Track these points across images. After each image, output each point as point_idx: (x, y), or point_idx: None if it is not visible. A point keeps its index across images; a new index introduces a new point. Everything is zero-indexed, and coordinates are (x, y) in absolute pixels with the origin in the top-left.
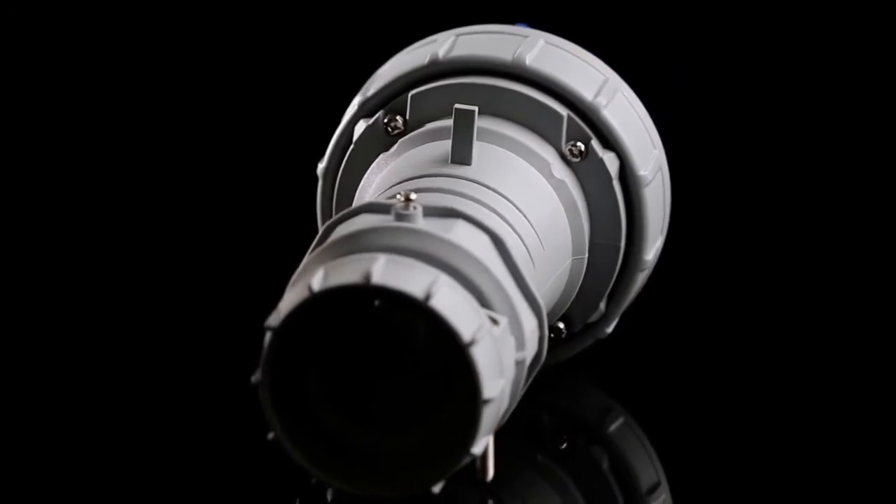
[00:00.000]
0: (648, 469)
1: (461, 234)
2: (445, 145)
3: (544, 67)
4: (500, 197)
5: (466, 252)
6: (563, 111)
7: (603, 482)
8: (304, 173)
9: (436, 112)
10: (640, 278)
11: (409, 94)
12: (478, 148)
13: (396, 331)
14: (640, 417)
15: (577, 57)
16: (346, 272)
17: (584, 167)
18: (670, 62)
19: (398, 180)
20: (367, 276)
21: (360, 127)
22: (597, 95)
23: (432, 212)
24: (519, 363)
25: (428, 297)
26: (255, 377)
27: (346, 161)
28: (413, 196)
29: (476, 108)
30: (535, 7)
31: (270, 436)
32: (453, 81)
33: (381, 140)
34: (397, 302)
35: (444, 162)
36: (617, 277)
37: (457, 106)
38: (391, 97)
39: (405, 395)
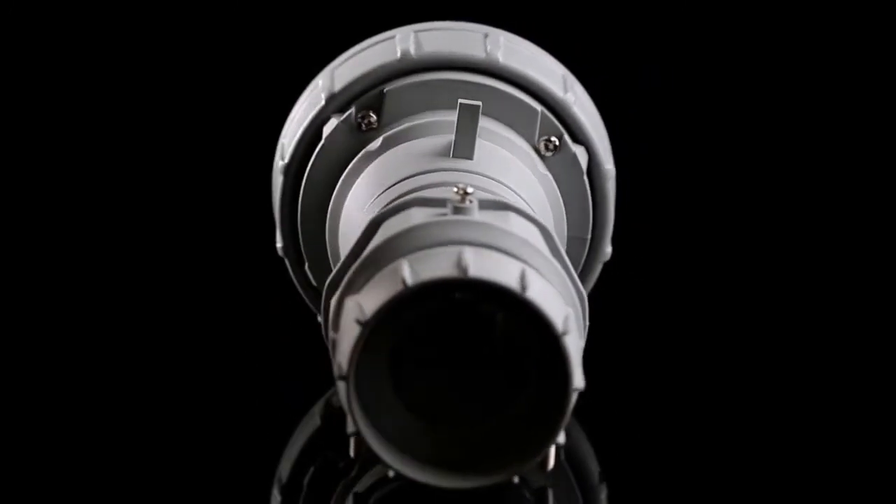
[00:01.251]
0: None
1: (521, 227)
2: (438, 140)
3: (515, 64)
4: (509, 190)
5: (533, 246)
6: (538, 107)
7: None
8: (239, 169)
9: (410, 108)
10: (599, 270)
11: (385, 91)
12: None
13: (476, 322)
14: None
15: (536, 53)
16: (437, 265)
17: (555, 161)
18: (644, 61)
19: (400, 177)
20: (464, 269)
21: (332, 124)
22: (566, 91)
23: (486, 205)
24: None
25: (523, 289)
26: (350, 428)
27: (316, 157)
28: (470, 190)
29: (480, 104)
30: (500, 4)
31: (351, 430)
32: (429, 77)
33: (352, 136)
34: (491, 294)
35: (442, 156)
36: (582, 269)
37: (461, 101)
38: (360, 93)
39: (484, 386)
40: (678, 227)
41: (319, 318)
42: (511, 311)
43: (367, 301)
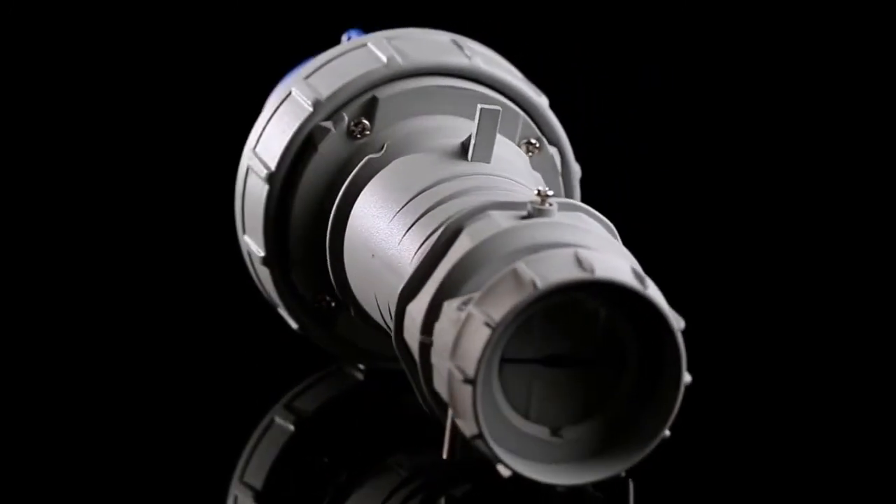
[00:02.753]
0: None
1: (596, 227)
2: (445, 144)
3: (496, 70)
4: (529, 190)
5: (618, 245)
6: (519, 110)
7: None
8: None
9: (401, 114)
10: None
11: (379, 97)
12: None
13: (579, 321)
14: None
15: (499, 57)
16: (561, 267)
17: (536, 162)
18: (644, 61)
19: (426, 182)
20: (591, 270)
21: (326, 131)
22: (538, 95)
23: (561, 207)
24: None
25: (644, 287)
26: (473, 431)
27: (311, 165)
28: (550, 192)
29: (500, 109)
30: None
31: (474, 433)
32: (421, 84)
33: (345, 143)
34: (610, 293)
35: (458, 160)
36: None
37: (482, 106)
38: (348, 101)
39: (585, 383)
40: (678, 227)
41: (294, 325)
42: (625, 308)
43: (493, 305)
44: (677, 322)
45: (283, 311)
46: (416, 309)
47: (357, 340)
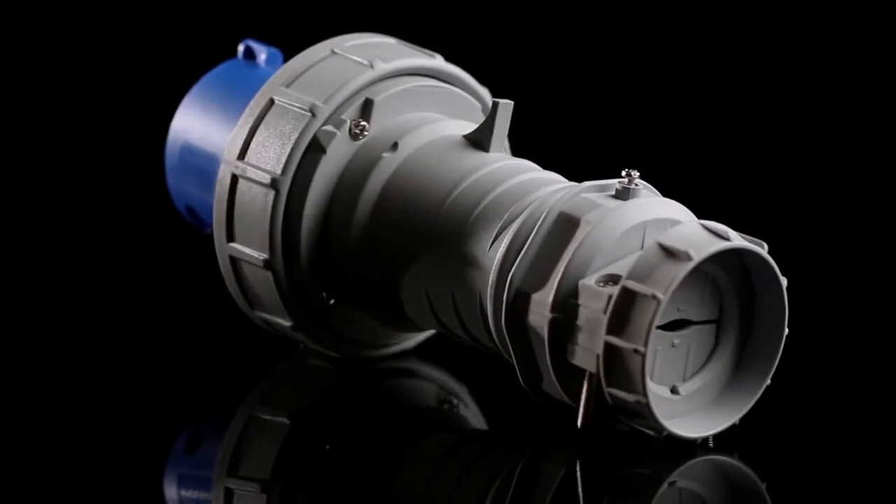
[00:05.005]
0: None
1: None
2: (452, 139)
3: (455, 69)
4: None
5: (693, 215)
6: (477, 103)
7: None
8: None
9: (392, 114)
10: None
11: (374, 100)
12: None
13: (699, 285)
14: None
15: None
16: (703, 239)
17: None
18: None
19: (461, 173)
20: (729, 238)
21: (331, 135)
22: (482, 87)
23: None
24: None
25: (764, 250)
26: (641, 399)
27: (320, 168)
28: (634, 173)
29: (512, 103)
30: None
31: (638, 400)
32: (408, 85)
33: (347, 145)
34: (735, 257)
35: (477, 152)
36: None
37: (498, 100)
38: (342, 105)
39: (702, 341)
40: None
41: (287, 323)
42: (732, 270)
43: (654, 279)
44: (783, 279)
45: (264, 314)
46: (546, 289)
47: (351, 332)
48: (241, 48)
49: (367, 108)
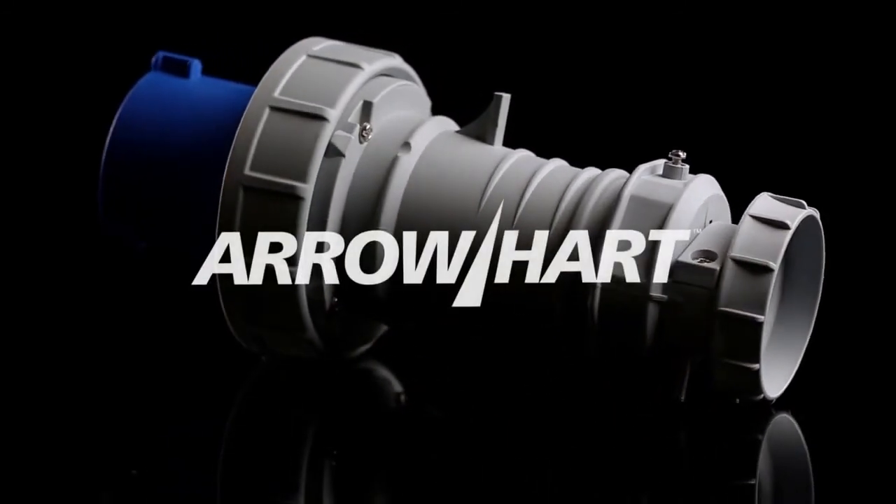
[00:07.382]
0: None
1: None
2: (456, 134)
3: (410, 69)
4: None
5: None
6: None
7: None
8: None
9: (385, 113)
10: None
11: (373, 102)
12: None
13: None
14: None
15: None
16: (784, 209)
17: None
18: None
19: (491, 166)
20: (804, 206)
21: (346, 139)
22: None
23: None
24: None
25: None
26: (755, 366)
27: (341, 173)
28: (682, 153)
29: (509, 95)
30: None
31: (755, 369)
32: (396, 85)
33: (357, 148)
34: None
35: (484, 145)
36: None
37: (500, 94)
38: (345, 109)
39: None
40: None
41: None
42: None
43: (761, 251)
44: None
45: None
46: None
47: (345, 334)
48: (156, 60)
49: (366, 110)
